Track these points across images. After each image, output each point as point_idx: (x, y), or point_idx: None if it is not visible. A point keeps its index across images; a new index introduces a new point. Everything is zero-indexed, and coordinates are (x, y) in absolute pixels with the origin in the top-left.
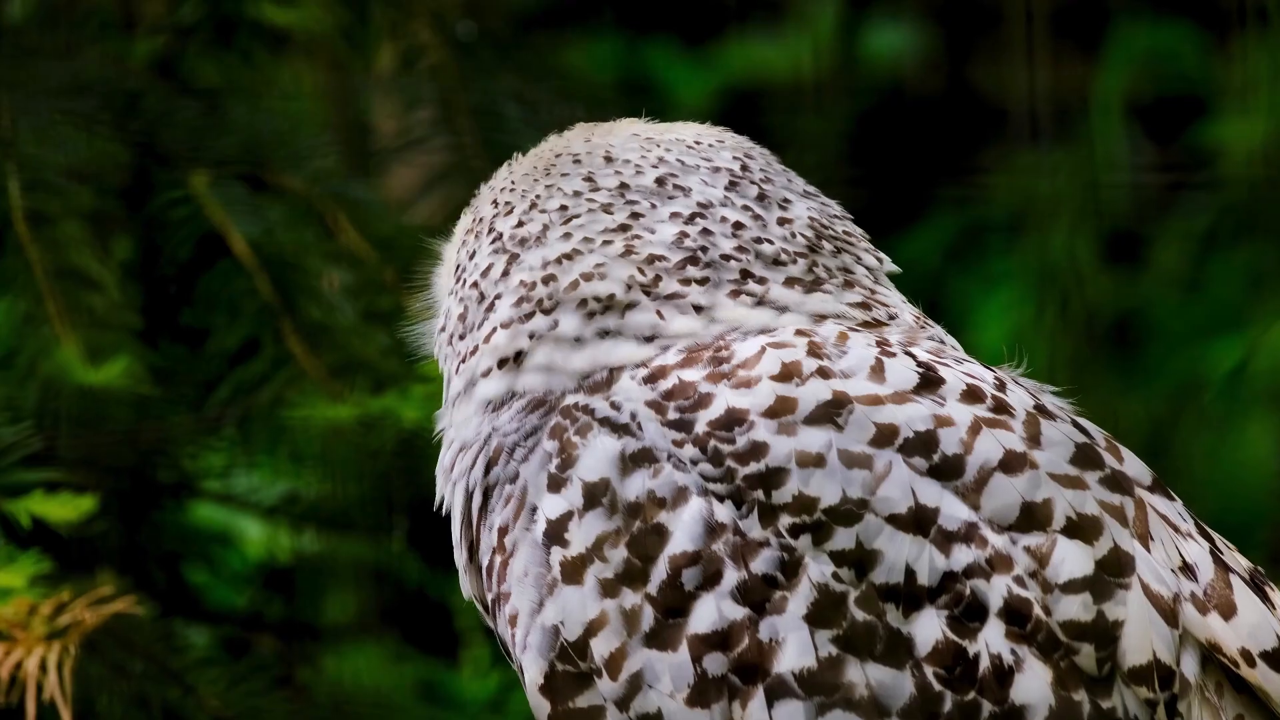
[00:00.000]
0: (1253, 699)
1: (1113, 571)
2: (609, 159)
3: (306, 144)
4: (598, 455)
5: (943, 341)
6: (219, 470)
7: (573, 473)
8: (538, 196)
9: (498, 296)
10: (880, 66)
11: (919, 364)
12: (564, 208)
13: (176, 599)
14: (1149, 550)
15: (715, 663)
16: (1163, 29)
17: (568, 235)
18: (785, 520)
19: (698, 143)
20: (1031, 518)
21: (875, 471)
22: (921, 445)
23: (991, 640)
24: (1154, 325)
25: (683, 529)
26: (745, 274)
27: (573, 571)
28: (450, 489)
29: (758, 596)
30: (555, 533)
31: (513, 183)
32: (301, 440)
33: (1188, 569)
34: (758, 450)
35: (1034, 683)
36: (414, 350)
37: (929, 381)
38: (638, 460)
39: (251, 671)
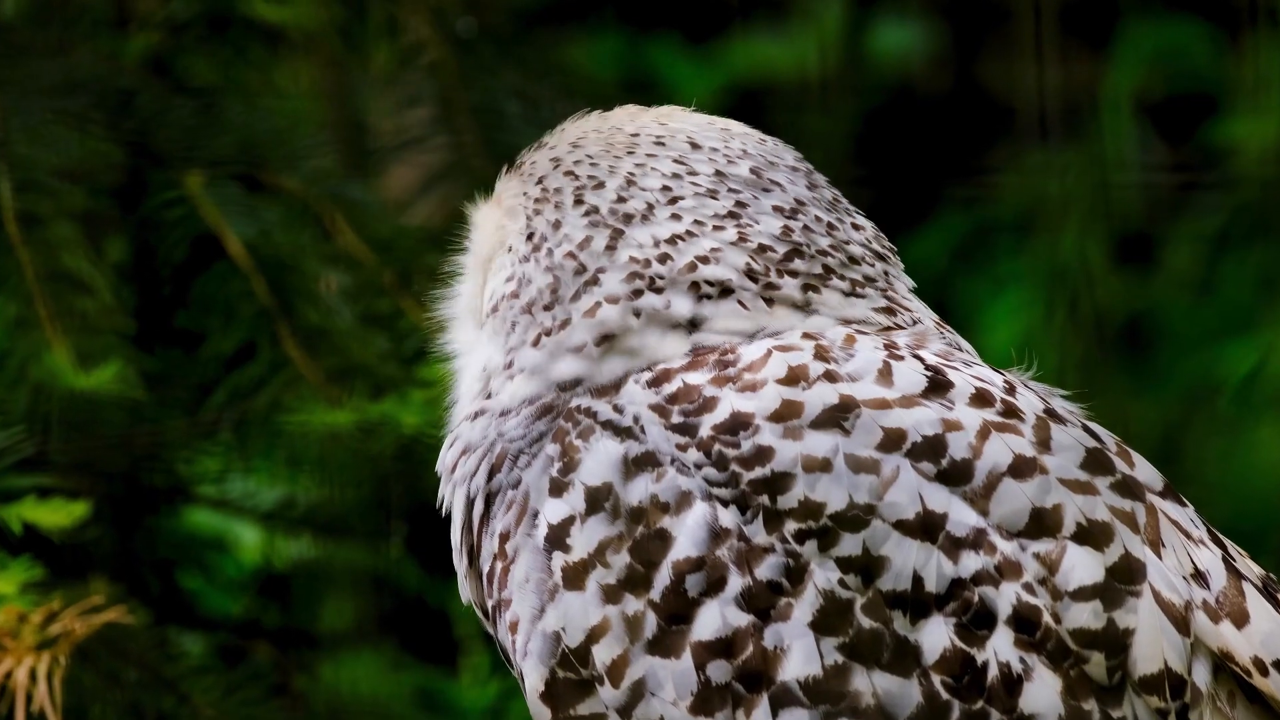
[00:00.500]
0: (1265, 709)
1: (1123, 579)
2: (695, 145)
3: (303, 143)
4: (600, 459)
5: (959, 348)
6: (214, 475)
7: (575, 477)
8: (630, 174)
9: (601, 270)
10: (887, 64)
11: (927, 367)
12: (667, 188)
13: (171, 606)
14: (1160, 557)
15: (719, 670)
16: (1173, 26)
17: (677, 216)
18: (791, 526)
19: (764, 140)
20: (1041, 524)
21: (882, 476)
22: (929, 450)
23: (1000, 648)
24: (1165, 327)
25: (686, 534)
26: (828, 271)
27: (574, 577)
28: (451, 490)
29: (762, 603)
30: (557, 538)
31: (588, 156)
32: (298, 445)
33: (1199, 576)
34: (763, 455)
35: (1043, 691)
36: (424, 342)
37: (937, 385)
38: (641, 464)
39: (247, 680)
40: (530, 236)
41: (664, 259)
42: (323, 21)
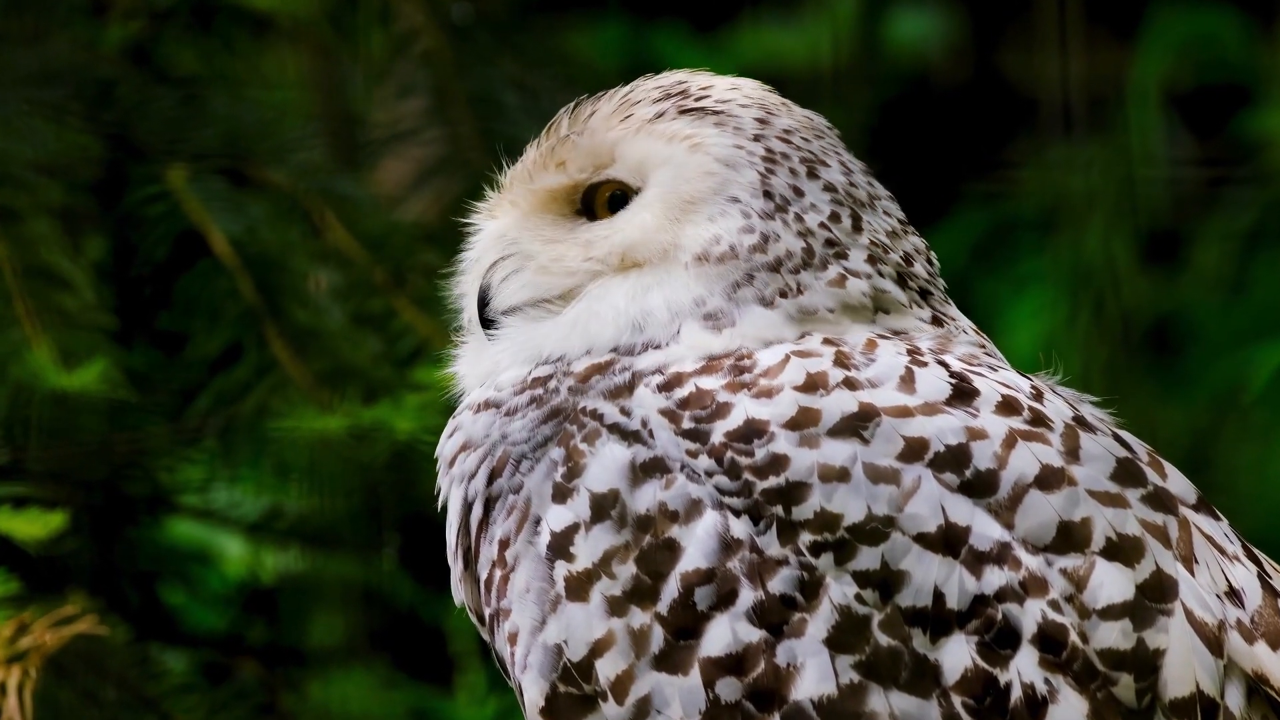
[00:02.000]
0: None
1: (1154, 596)
2: (845, 144)
3: (291, 136)
4: (606, 464)
5: (994, 356)
6: (198, 484)
7: (580, 482)
8: (843, 160)
9: (847, 247)
10: (904, 54)
11: (951, 373)
12: (871, 183)
13: (152, 621)
14: (1193, 574)
15: (729, 688)
16: (1203, 14)
17: (888, 213)
18: (806, 537)
19: None
20: (1069, 538)
21: (903, 487)
22: (952, 460)
23: (1024, 668)
24: (1194, 329)
25: (696, 544)
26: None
27: (578, 587)
28: (448, 485)
29: (775, 618)
30: (560, 546)
31: (793, 127)
32: (287, 453)
33: (1234, 594)
34: (778, 463)
35: (1069, 714)
36: (419, 343)
37: (962, 392)
38: (649, 470)
39: (232, 698)
40: (769, 194)
41: (891, 248)
42: (312, 8)
